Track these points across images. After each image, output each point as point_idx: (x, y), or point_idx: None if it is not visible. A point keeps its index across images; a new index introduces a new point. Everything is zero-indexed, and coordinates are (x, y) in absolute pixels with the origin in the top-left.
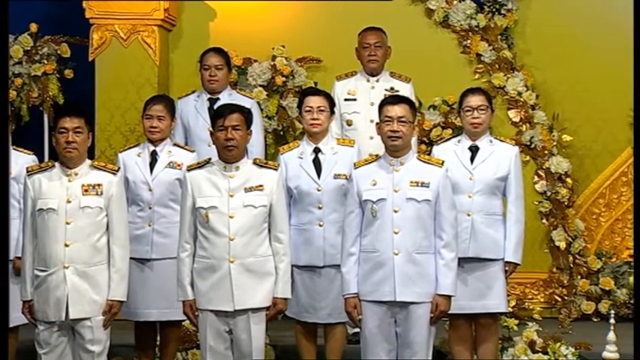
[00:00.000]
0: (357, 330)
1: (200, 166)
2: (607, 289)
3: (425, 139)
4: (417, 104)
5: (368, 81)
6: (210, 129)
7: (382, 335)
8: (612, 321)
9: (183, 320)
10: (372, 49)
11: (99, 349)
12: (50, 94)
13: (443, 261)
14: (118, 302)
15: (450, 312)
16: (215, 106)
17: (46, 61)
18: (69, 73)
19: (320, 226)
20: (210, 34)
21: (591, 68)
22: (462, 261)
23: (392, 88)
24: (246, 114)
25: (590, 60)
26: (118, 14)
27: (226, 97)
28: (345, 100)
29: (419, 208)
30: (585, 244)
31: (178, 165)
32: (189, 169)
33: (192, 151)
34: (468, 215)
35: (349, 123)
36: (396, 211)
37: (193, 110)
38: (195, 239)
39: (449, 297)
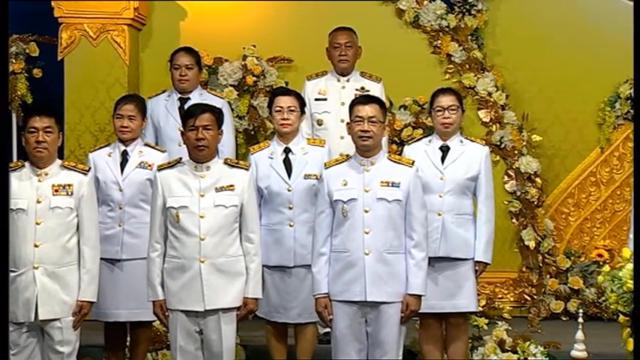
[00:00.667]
0: (327, 330)
1: (171, 165)
2: (576, 288)
3: (396, 139)
4: (387, 104)
5: (338, 81)
6: (181, 129)
7: (353, 335)
8: (580, 320)
9: (154, 321)
10: (343, 49)
11: (68, 350)
12: (19, 93)
13: (413, 260)
14: (88, 303)
15: (420, 311)
16: (186, 106)
17: (14, 60)
18: (37, 73)
19: (290, 226)
20: (180, 34)
21: (560, 69)
22: (433, 260)
23: (362, 88)
24: (217, 114)
25: (559, 61)
26: (87, 13)
27: (197, 96)
28: (316, 99)
29: (389, 208)
30: (554, 243)
31: (149, 165)
32: (160, 168)
33: (163, 151)
34: (439, 215)
35: (320, 123)
36: (366, 211)
37: (164, 110)
38: (166, 239)
39: (419, 296)
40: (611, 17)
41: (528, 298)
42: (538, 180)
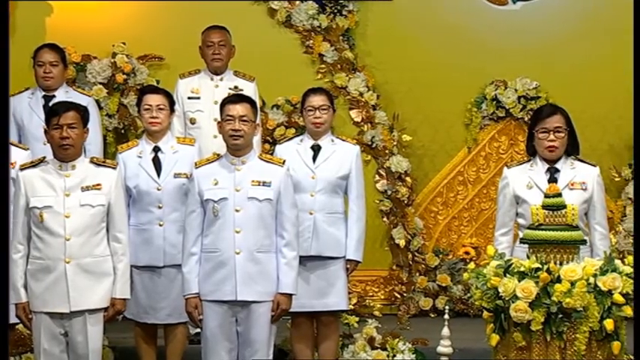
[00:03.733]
0: (198, 330)
1: (34, 165)
2: (444, 285)
3: (269, 138)
4: (260, 103)
5: (212, 79)
6: (45, 127)
7: (223, 335)
8: (447, 316)
9: (17, 323)
10: (216, 47)
11: None
12: None
13: (284, 260)
14: None
15: (291, 310)
16: (50, 104)
17: None
18: None
19: (160, 225)
20: (46, 30)
21: (429, 70)
22: (304, 259)
23: (236, 87)
24: (83, 112)
25: (428, 62)
26: None
27: (62, 94)
28: (189, 98)
29: (260, 207)
30: (424, 241)
31: (12, 164)
32: (23, 168)
33: (25, 149)
34: (310, 214)
35: (193, 121)
36: (237, 211)
37: (27, 108)
38: (29, 240)
39: (290, 295)
40: (477, 19)
41: (398, 296)
42: (408, 179)
